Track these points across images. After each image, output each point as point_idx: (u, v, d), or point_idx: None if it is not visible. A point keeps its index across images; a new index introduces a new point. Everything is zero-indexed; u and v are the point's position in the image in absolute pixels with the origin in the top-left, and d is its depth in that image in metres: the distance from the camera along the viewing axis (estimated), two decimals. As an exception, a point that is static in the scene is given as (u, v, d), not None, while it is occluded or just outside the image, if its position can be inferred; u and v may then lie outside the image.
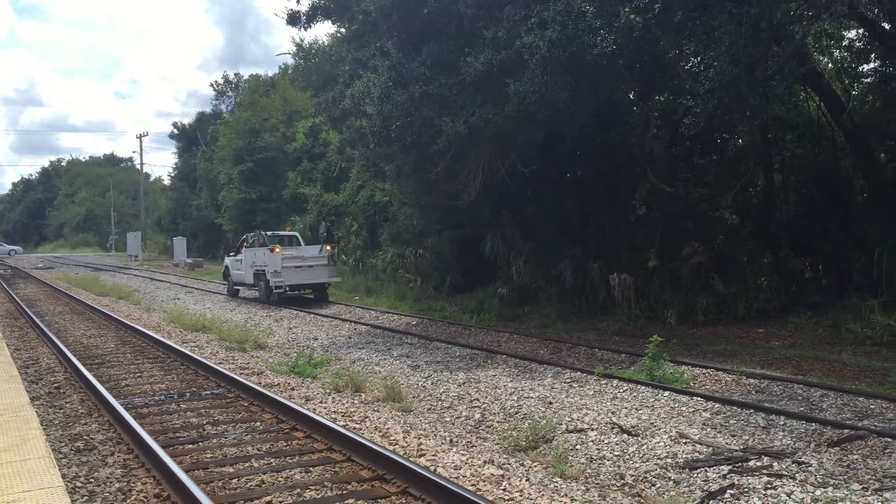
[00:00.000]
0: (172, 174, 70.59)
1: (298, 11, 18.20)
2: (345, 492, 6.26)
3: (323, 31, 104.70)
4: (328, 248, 23.62)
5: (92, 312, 21.28)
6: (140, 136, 74.39)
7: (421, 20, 15.47)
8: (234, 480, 6.57)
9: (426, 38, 15.48)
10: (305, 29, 19.87)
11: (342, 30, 20.64)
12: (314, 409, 8.96)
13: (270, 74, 55.98)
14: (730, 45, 12.25)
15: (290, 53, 58.38)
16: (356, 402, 10.04)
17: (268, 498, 6.11)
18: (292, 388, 10.64)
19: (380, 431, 8.23)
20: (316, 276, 23.37)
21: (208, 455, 7.36)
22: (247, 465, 7.02)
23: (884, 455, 7.26)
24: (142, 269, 48.78)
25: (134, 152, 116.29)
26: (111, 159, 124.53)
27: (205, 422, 8.65)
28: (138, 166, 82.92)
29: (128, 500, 6.08)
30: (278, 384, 10.91)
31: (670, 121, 17.60)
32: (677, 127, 17.49)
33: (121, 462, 7.12)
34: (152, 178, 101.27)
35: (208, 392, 10.32)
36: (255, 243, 24.56)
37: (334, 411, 9.19)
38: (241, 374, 11.33)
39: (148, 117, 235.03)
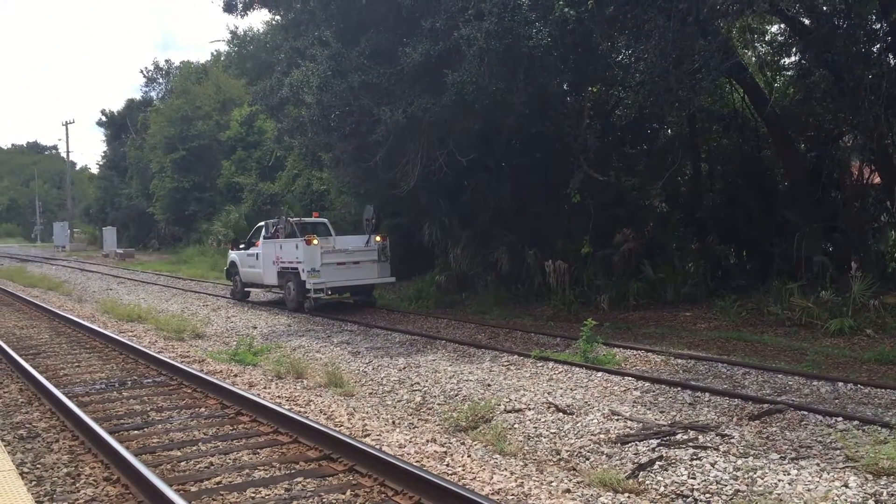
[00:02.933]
0: (101, 162, 68.68)
1: (235, -1, 18.10)
2: (293, 471, 6.44)
3: (258, 18, 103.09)
4: (378, 238, 18.45)
5: (22, 304, 20.80)
6: (66, 124, 72.36)
7: (359, 10, 15.58)
8: (182, 463, 6.69)
9: (365, 28, 15.61)
10: (242, 17, 19.76)
11: (278, 18, 20.58)
12: (258, 394, 9.09)
13: (203, 61, 54.96)
14: (659, 39, 12.71)
15: (224, 41, 57.41)
16: (299, 387, 10.19)
17: (217, 478, 6.26)
18: (235, 375, 10.73)
19: (324, 414, 8.42)
20: (363, 276, 18.41)
21: (155, 440, 7.44)
22: (194, 448, 7.13)
23: (800, 427, 7.77)
24: (70, 259, 47.57)
25: (60, 140, 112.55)
26: (35, 147, 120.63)
27: (149, 408, 8.70)
28: (64, 154, 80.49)
29: (77, 484, 6.16)
30: (220, 371, 10.97)
31: (603, 111, 18.09)
32: (609, 117, 17.99)
33: (67, 448, 7.16)
34: (79, 167, 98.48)
35: (150, 380, 10.33)
36: (280, 233, 19.47)
37: (278, 396, 9.33)
38: (182, 361, 11.35)
39: (74, 104, 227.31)
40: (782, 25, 16.69)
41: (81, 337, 14.45)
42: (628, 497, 6.05)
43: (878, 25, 13.61)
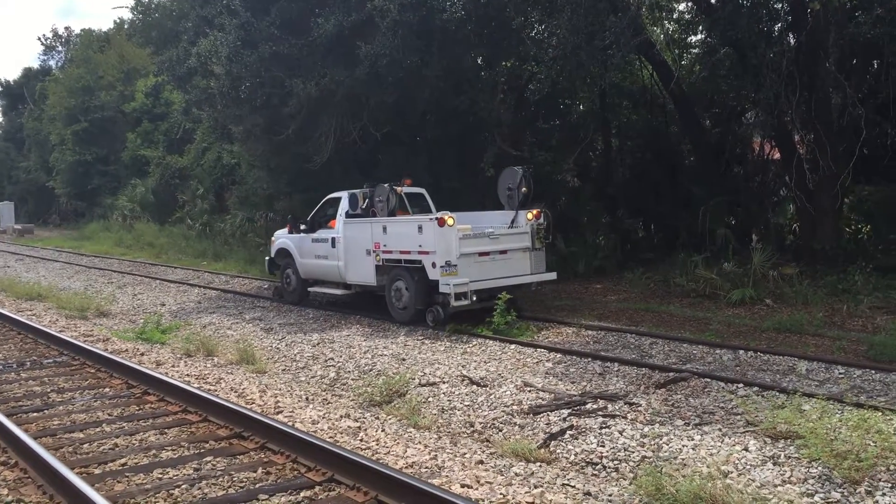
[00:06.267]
0: (-4, 134, 65.37)
1: (137, -37, 17.33)
2: (202, 450, 6.30)
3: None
4: (531, 214, 12.69)
5: None
6: (-42, 93, 68.32)
7: (269, -22, 15.15)
8: (85, 445, 6.45)
9: (275, -3, 15.20)
10: (145, -18, 18.94)
11: (184, -16, 19.87)
12: (166, 373, 8.85)
13: (105, 29, 52.53)
14: (571, 15, 12.81)
15: (127, 7, 55.11)
16: (209, 365, 9.97)
17: (123, 460, 6.06)
18: (142, 354, 10.42)
19: (235, 392, 8.26)
20: (513, 271, 12.46)
21: (55, 422, 7.15)
22: (98, 430, 6.89)
23: (703, 394, 8.05)
24: (-36, 236, 45.24)
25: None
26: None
27: (49, 390, 8.36)
28: (-45, 125, 76.01)
29: (-30, 471, 5.88)
30: (126, 350, 10.63)
31: (516, 86, 18.17)
32: (523, 92, 18.10)
33: (-41, 434, 6.81)
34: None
35: (50, 360, 9.93)
36: (381, 208, 13.21)
37: (187, 374, 9.11)
38: (84, 341, 10.94)
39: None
40: (690, 3, 17.08)
41: (-24, 317, 13.75)
42: (540, 466, 6.15)
43: (780, 5, 14.06)
